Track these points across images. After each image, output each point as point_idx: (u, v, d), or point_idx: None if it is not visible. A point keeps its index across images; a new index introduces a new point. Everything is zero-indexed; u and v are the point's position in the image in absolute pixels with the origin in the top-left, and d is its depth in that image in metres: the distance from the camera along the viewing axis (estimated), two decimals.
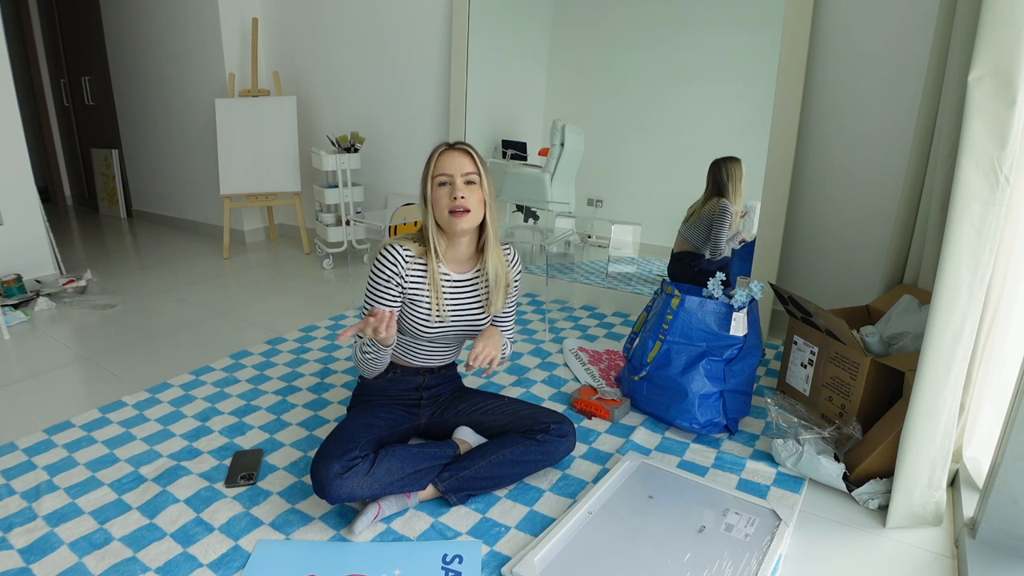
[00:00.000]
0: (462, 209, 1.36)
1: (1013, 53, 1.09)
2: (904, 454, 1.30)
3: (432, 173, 1.39)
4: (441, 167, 1.37)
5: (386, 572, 1.22)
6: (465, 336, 1.55)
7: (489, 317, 1.53)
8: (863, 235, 2.24)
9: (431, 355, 1.57)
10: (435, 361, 1.59)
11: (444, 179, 1.37)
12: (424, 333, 1.48)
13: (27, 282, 2.95)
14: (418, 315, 1.45)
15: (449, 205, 1.36)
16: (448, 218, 1.38)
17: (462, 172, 1.37)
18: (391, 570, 1.23)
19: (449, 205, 1.36)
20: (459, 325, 1.50)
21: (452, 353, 1.62)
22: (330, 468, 1.28)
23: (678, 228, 2.53)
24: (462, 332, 1.52)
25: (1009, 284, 1.33)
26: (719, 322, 1.69)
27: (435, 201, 1.38)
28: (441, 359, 1.60)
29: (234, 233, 3.97)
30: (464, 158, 1.38)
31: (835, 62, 2.16)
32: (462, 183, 1.37)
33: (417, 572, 1.23)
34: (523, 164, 2.96)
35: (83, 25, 4.48)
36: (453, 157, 1.37)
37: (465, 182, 1.37)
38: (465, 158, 1.38)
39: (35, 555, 1.28)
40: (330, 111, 3.69)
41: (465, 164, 1.37)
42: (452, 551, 1.28)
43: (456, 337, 1.54)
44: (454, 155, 1.38)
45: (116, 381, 2.10)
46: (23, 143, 3.02)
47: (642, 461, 1.57)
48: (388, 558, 1.26)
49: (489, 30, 2.93)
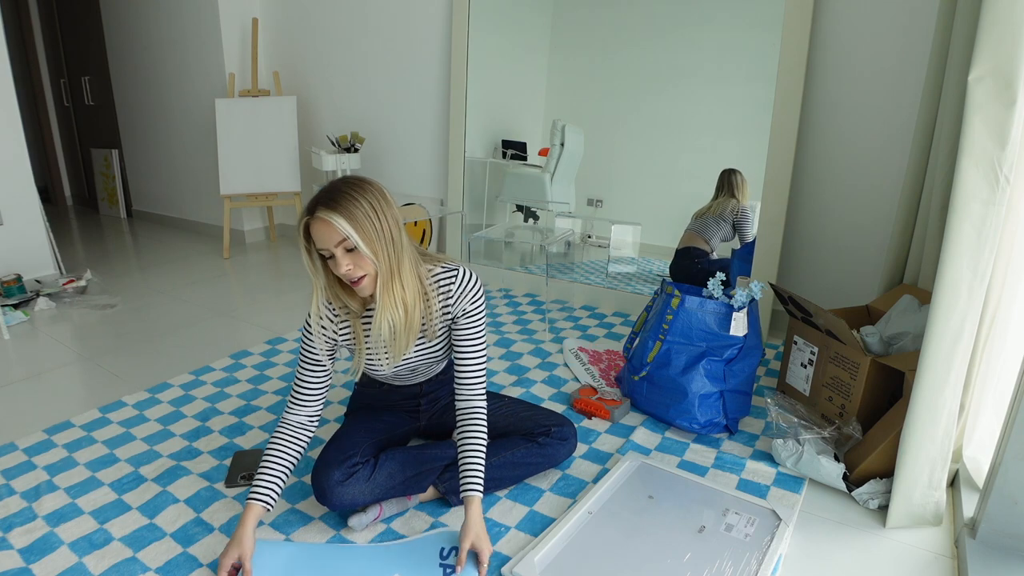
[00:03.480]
0: (354, 280, 1.21)
1: (1013, 53, 1.09)
2: (904, 454, 1.30)
3: (311, 247, 1.22)
4: (315, 239, 1.19)
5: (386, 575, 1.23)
6: (430, 362, 1.44)
7: (440, 341, 1.39)
8: (863, 235, 2.24)
9: (414, 378, 1.51)
10: (420, 378, 1.52)
11: (324, 252, 1.20)
12: (381, 374, 1.42)
13: (27, 282, 2.95)
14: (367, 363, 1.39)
15: (343, 277, 1.22)
16: (351, 287, 1.24)
17: (334, 243, 1.17)
18: (391, 572, 1.23)
19: (343, 277, 1.22)
20: (413, 361, 1.40)
21: (434, 370, 1.52)
22: (331, 475, 1.28)
23: (686, 225, 2.53)
24: (420, 361, 1.42)
25: (1009, 284, 1.33)
26: (719, 322, 1.69)
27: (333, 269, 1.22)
28: (425, 376, 1.52)
29: (234, 233, 3.97)
30: (327, 229, 1.16)
31: (835, 62, 2.16)
32: (341, 253, 1.18)
33: (415, 571, 1.23)
34: (523, 164, 2.96)
35: (83, 25, 4.48)
36: (318, 229, 1.17)
37: (344, 251, 1.18)
38: (328, 229, 1.15)
39: (35, 555, 1.28)
40: (330, 111, 3.68)
41: (333, 235, 1.16)
42: (449, 544, 1.29)
43: (422, 365, 1.44)
44: (318, 227, 1.17)
45: (116, 381, 2.10)
46: (23, 143, 3.02)
47: (642, 461, 1.57)
48: (386, 560, 1.26)
49: (489, 30, 2.93)
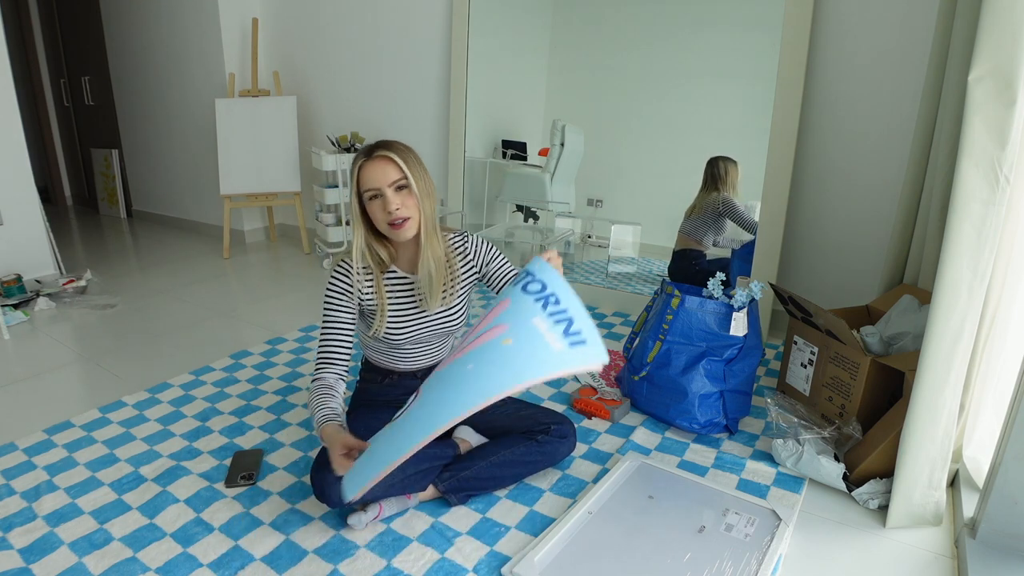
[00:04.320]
0: (400, 220, 1.30)
1: (1013, 53, 1.09)
2: (904, 454, 1.30)
3: (360, 189, 1.31)
4: (366, 181, 1.29)
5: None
6: (442, 333, 1.52)
7: (458, 308, 1.49)
8: (863, 235, 2.24)
9: (418, 357, 1.54)
10: (425, 362, 1.56)
11: (372, 193, 1.30)
12: (394, 339, 1.46)
13: (27, 282, 2.95)
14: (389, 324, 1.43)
15: (386, 219, 1.31)
16: (389, 230, 1.33)
17: (389, 182, 1.28)
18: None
19: (386, 219, 1.31)
20: (429, 325, 1.48)
21: (440, 352, 1.58)
22: (331, 473, 1.28)
23: (679, 226, 2.54)
24: (436, 330, 1.50)
25: (1009, 284, 1.33)
26: (719, 322, 1.69)
27: (372, 216, 1.33)
28: (431, 359, 1.57)
29: (234, 233, 3.97)
30: (387, 166, 1.28)
31: (835, 62, 2.16)
32: (392, 193, 1.29)
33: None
34: (523, 164, 2.96)
35: (83, 25, 4.47)
36: (376, 167, 1.28)
37: (395, 189, 1.29)
38: (388, 165, 1.28)
39: (35, 555, 1.28)
40: (330, 111, 3.68)
41: (390, 172, 1.28)
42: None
43: (434, 336, 1.51)
44: (377, 165, 1.28)
45: (116, 381, 2.10)
46: (23, 143, 3.02)
47: (642, 461, 1.57)
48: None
49: (489, 30, 2.93)
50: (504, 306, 1.01)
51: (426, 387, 1.06)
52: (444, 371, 1.03)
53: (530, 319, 0.96)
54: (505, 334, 0.96)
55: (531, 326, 0.95)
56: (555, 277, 1.00)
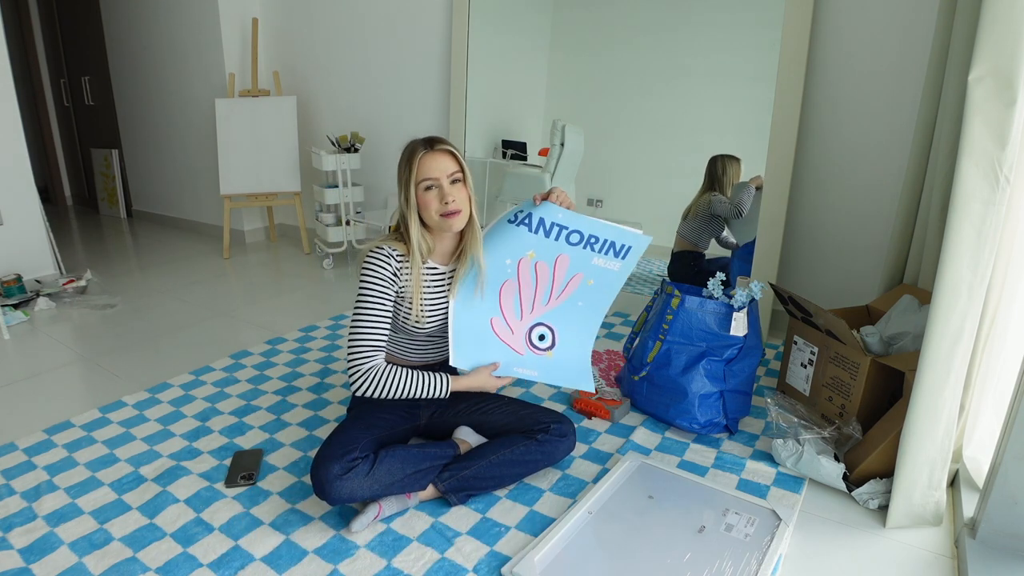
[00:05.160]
0: (454, 211, 1.38)
1: (1013, 53, 1.09)
2: (904, 454, 1.30)
3: (416, 178, 1.37)
4: (425, 171, 1.37)
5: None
6: None
7: None
8: (863, 235, 2.24)
9: (428, 352, 1.57)
10: (433, 357, 1.59)
11: (430, 183, 1.37)
12: (425, 328, 1.48)
13: (27, 282, 2.95)
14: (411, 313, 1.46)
15: (440, 209, 1.38)
16: (440, 220, 1.39)
17: (447, 174, 1.37)
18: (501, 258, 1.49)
19: (440, 209, 1.38)
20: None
21: (447, 348, 1.61)
22: (330, 470, 1.28)
23: (676, 228, 2.54)
24: None
25: (1009, 284, 1.33)
26: (719, 322, 1.69)
27: (423, 205, 1.39)
28: (439, 354, 1.60)
29: (234, 233, 3.97)
30: (447, 159, 1.38)
31: (835, 62, 2.16)
32: (448, 184, 1.38)
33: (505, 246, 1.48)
34: (523, 164, 2.96)
35: (83, 25, 4.48)
36: (436, 159, 1.37)
37: (451, 182, 1.38)
38: (448, 159, 1.38)
39: (35, 555, 1.28)
40: (330, 111, 3.69)
41: (449, 165, 1.38)
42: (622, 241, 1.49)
43: None
44: (436, 157, 1.37)
45: (116, 381, 2.10)
46: (23, 143, 3.02)
47: (642, 461, 1.57)
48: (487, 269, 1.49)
49: (489, 30, 2.93)
50: (567, 262, 1.49)
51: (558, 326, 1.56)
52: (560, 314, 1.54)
53: (591, 261, 1.50)
54: (586, 278, 1.52)
55: (594, 265, 1.50)
56: (581, 220, 1.46)
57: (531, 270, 1.49)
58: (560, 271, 1.50)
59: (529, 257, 1.48)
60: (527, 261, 1.48)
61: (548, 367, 1.54)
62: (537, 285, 1.51)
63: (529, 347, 1.53)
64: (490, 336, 1.50)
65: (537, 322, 1.54)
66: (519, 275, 1.49)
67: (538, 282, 1.50)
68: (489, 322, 1.49)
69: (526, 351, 1.53)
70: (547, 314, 1.53)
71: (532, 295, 1.51)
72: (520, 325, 1.52)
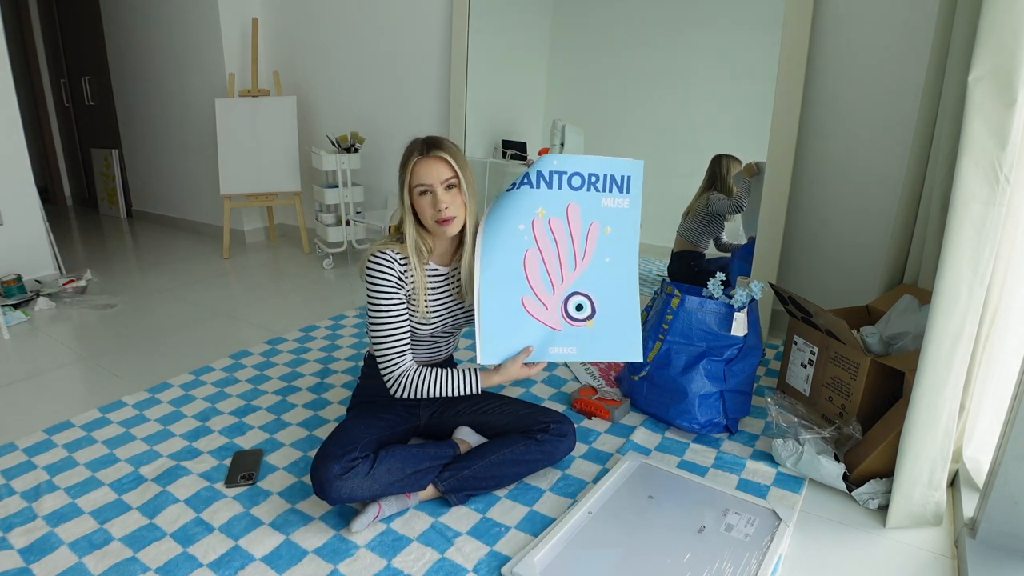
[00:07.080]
0: (447, 219, 1.36)
1: (1013, 53, 1.09)
2: (904, 454, 1.30)
3: (411, 183, 1.36)
4: (419, 177, 1.34)
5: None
6: (460, 325, 1.56)
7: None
8: (863, 235, 2.24)
9: (429, 351, 1.57)
10: (433, 356, 1.59)
11: (424, 188, 1.35)
12: (426, 329, 1.48)
13: (27, 282, 2.95)
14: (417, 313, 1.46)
15: (434, 215, 1.36)
16: (435, 226, 1.38)
17: (441, 180, 1.34)
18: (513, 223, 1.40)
19: (434, 215, 1.36)
20: (455, 314, 1.51)
21: (449, 347, 1.62)
22: (330, 469, 1.28)
23: (676, 228, 2.54)
24: (458, 321, 1.54)
25: (1009, 284, 1.33)
26: (719, 322, 1.69)
27: (419, 210, 1.37)
28: (439, 353, 1.60)
29: (234, 233, 3.97)
30: (440, 165, 1.34)
31: (835, 62, 2.16)
32: (442, 191, 1.34)
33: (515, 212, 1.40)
34: (523, 164, 2.96)
35: (83, 25, 4.48)
36: (430, 166, 1.34)
37: (445, 188, 1.35)
38: (442, 165, 1.34)
39: (35, 555, 1.28)
40: (330, 111, 3.69)
41: (443, 171, 1.34)
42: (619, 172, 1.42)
43: (453, 327, 1.55)
44: (430, 163, 1.34)
45: (116, 381, 2.10)
46: (23, 143, 3.02)
47: (642, 461, 1.57)
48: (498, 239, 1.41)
49: (489, 30, 2.92)
50: (577, 210, 1.41)
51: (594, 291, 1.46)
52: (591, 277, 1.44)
53: (600, 203, 1.42)
54: (603, 226, 1.43)
55: (606, 208, 1.42)
56: (576, 160, 1.40)
57: (547, 230, 1.41)
58: (575, 224, 1.42)
59: (540, 215, 1.40)
60: (540, 220, 1.40)
61: (589, 340, 1.44)
62: (559, 247, 1.42)
63: (567, 320, 1.44)
64: (523, 317, 1.41)
65: (571, 291, 1.44)
66: (537, 240, 1.40)
67: (558, 244, 1.42)
68: (520, 302, 1.41)
69: (564, 325, 1.44)
70: (579, 280, 1.44)
71: (557, 261, 1.42)
72: (553, 299, 1.43)
